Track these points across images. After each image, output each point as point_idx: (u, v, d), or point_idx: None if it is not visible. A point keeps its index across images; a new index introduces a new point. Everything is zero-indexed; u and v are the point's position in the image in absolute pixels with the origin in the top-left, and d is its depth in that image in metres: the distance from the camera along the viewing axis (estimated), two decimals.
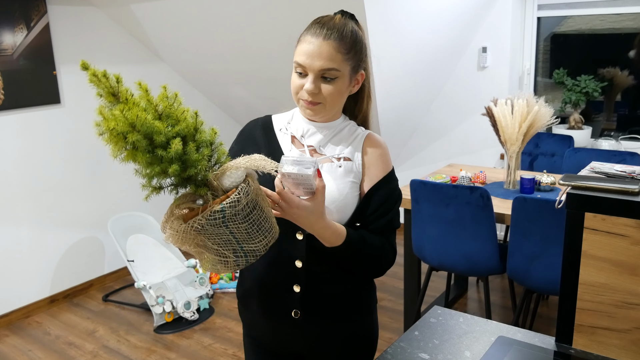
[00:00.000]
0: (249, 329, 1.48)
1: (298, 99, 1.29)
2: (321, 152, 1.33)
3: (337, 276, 1.34)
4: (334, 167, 1.31)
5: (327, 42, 1.22)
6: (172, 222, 1.13)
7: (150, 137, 1.03)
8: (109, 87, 1.07)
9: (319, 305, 1.33)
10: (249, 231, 1.10)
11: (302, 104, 1.28)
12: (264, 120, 1.40)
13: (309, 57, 1.22)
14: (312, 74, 1.23)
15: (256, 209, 1.10)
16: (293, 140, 1.35)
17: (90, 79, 1.07)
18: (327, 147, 1.33)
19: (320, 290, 1.33)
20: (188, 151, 1.06)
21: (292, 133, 1.35)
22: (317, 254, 1.29)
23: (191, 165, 1.07)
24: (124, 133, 1.02)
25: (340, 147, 1.33)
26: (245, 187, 1.09)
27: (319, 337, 1.37)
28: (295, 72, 1.26)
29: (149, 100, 1.06)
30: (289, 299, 1.32)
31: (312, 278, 1.31)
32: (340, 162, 1.31)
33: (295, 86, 1.27)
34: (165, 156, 1.04)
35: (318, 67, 1.22)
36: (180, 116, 1.09)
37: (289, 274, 1.31)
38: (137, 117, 1.01)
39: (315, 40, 1.22)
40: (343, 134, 1.35)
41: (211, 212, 1.06)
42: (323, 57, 1.22)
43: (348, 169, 1.31)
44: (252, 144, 1.36)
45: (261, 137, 1.36)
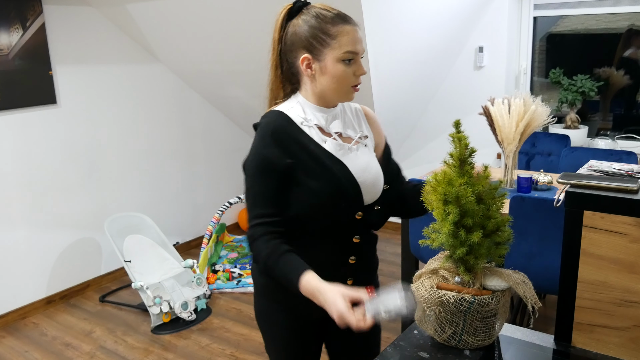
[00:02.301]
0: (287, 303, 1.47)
1: (348, 87, 1.37)
2: (346, 135, 1.43)
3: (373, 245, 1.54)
4: (363, 147, 1.45)
5: (357, 28, 1.36)
6: (427, 278, 1.28)
7: (463, 214, 1.19)
8: (462, 152, 1.22)
9: (366, 273, 1.51)
10: (477, 328, 1.24)
11: (351, 91, 1.38)
12: (283, 116, 1.39)
13: (357, 43, 1.34)
14: (359, 57, 1.36)
15: (494, 317, 1.25)
16: (321, 131, 1.40)
17: (453, 138, 1.23)
18: (348, 130, 1.44)
19: (368, 259, 1.51)
20: (481, 244, 1.20)
21: (316, 124, 1.40)
22: (370, 226, 1.47)
23: (475, 256, 1.21)
24: (447, 199, 1.20)
25: (356, 127, 1.47)
26: (500, 297, 1.22)
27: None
28: (342, 62, 1.33)
29: (482, 185, 1.21)
30: (345, 269, 1.45)
31: (364, 248, 1.47)
32: (365, 141, 1.46)
33: (346, 75, 1.35)
34: (462, 237, 1.19)
35: (363, 50, 1.37)
36: (494, 212, 1.23)
37: (347, 249, 1.43)
38: (467, 198, 1.17)
39: (353, 28, 1.35)
40: (348, 114, 1.48)
41: (462, 297, 1.19)
42: (361, 41, 1.36)
43: (370, 145, 1.48)
44: (293, 142, 1.35)
45: (296, 134, 1.37)
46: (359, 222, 1.42)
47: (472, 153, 1.22)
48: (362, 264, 1.48)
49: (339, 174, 1.35)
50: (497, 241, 1.23)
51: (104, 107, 3.78)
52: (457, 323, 1.23)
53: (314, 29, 1.32)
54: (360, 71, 1.36)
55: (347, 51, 1.32)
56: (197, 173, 4.49)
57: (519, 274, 1.25)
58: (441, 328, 1.25)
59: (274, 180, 1.33)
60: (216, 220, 3.84)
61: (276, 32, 1.39)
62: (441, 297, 1.20)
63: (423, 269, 1.31)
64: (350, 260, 1.44)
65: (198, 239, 4.54)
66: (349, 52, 1.32)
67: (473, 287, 1.22)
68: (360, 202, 1.40)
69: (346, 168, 1.37)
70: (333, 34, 1.32)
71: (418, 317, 1.30)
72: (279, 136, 1.34)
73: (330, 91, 1.37)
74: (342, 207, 1.37)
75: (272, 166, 1.32)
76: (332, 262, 1.42)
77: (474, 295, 1.19)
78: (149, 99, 4.06)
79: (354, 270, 1.46)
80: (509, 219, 1.25)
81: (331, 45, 1.32)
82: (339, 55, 1.32)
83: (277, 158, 1.32)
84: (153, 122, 4.11)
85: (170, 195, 4.30)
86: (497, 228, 1.22)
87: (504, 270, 1.26)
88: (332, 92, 1.37)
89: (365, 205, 1.42)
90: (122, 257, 3.41)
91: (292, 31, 1.36)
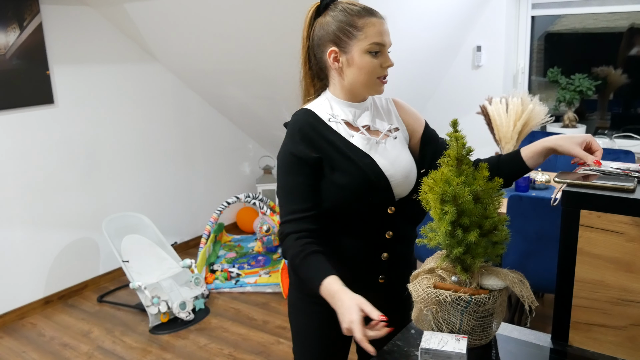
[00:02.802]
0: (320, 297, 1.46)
1: (375, 80, 1.37)
2: (374, 129, 1.43)
3: (410, 242, 1.51)
4: (392, 140, 1.44)
5: (384, 21, 1.38)
6: (424, 278, 1.28)
7: (460, 214, 1.18)
8: (459, 152, 1.21)
9: (399, 270, 1.48)
10: (474, 328, 1.23)
11: (379, 83, 1.39)
12: (310, 114, 1.41)
13: (384, 35, 1.36)
14: (386, 50, 1.37)
15: (491, 317, 1.25)
16: (348, 125, 1.41)
17: (450, 137, 1.23)
18: (377, 124, 1.44)
19: (401, 256, 1.49)
20: (478, 243, 1.20)
21: (343, 119, 1.41)
22: (404, 221, 1.45)
23: (472, 255, 1.21)
24: (444, 198, 1.19)
25: (385, 119, 1.46)
26: (497, 296, 1.22)
27: (395, 296, 1.50)
28: (369, 54, 1.34)
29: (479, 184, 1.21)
30: (377, 266, 1.44)
31: (398, 244, 1.45)
32: (395, 134, 1.45)
33: (373, 67, 1.36)
34: (459, 236, 1.19)
35: (390, 43, 1.38)
36: (491, 212, 1.22)
37: (379, 245, 1.43)
38: (464, 197, 1.17)
39: (380, 20, 1.36)
40: (377, 107, 1.48)
41: (459, 297, 1.19)
42: (389, 33, 1.38)
43: (401, 138, 1.47)
44: (320, 138, 1.37)
45: (322, 130, 1.38)
46: (392, 217, 1.41)
47: (469, 152, 1.22)
48: (396, 262, 1.46)
49: (367, 168, 1.36)
50: (494, 240, 1.23)
51: (102, 107, 3.78)
52: (454, 322, 1.23)
53: (340, 23, 1.35)
54: (388, 63, 1.37)
55: (373, 42, 1.34)
56: (195, 173, 4.49)
57: (516, 273, 1.25)
58: (438, 327, 1.25)
59: (303, 176, 1.35)
60: (214, 220, 3.84)
61: (305, 29, 1.42)
62: (438, 297, 1.20)
63: (420, 268, 1.31)
64: (382, 257, 1.43)
65: (196, 238, 4.53)
66: (376, 43, 1.34)
67: (470, 286, 1.22)
68: (391, 196, 1.39)
69: (374, 162, 1.37)
70: (359, 26, 1.34)
71: (415, 317, 1.30)
72: (306, 133, 1.37)
73: (358, 84, 1.38)
74: (372, 202, 1.37)
75: (301, 162, 1.35)
76: (363, 258, 1.43)
77: (471, 294, 1.19)
78: (147, 99, 4.06)
79: (387, 268, 1.45)
80: (506, 219, 1.25)
81: (357, 37, 1.34)
82: (365, 46, 1.34)
83: (305, 154, 1.34)
84: (151, 121, 4.10)
85: (168, 195, 4.29)
86: (494, 227, 1.22)
87: (501, 269, 1.26)
88: (359, 85, 1.38)
89: (398, 199, 1.41)
90: (120, 257, 3.41)
91: (320, 27, 1.38)
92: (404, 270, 1.51)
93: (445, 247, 1.23)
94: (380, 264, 1.44)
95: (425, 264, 1.32)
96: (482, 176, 1.21)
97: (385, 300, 1.46)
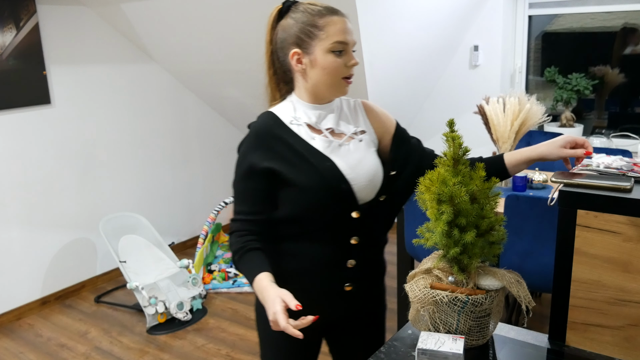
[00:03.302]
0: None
1: (339, 80, 1.35)
2: (338, 132, 1.40)
3: (379, 245, 1.48)
4: (357, 143, 1.41)
5: (346, 20, 1.35)
6: (421, 278, 1.28)
7: (457, 214, 1.18)
8: (456, 152, 1.22)
9: (367, 276, 1.46)
10: (471, 328, 1.23)
11: (344, 84, 1.36)
12: (272, 117, 1.40)
13: (347, 33, 1.33)
14: (350, 49, 1.34)
15: (488, 317, 1.25)
16: (310, 128, 1.38)
17: (446, 137, 1.22)
18: (341, 126, 1.41)
19: (369, 262, 1.45)
20: (475, 243, 1.20)
21: (305, 122, 1.38)
22: (371, 226, 1.41)
23: (469, 255, 1.21)
24: (440, 199, 1.19)
25: (352, 122, 1.44)
26: (494, 296, 1.22)
27: (361, 303, 1.48)
28: (332, 54, 1.32)
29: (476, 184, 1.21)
30: (343, 274, 1.40)
31: (365, 251, 1.42)
32: (360, 136, 1.42)
33: (337, 66, 1.33)
34: (456, 236, 1.19)
35: (354, 42, 1.35)
36: (488, 212, 1.22)
37: (345, 251, 1.39)
38: (461, 197, 1.17)
39: (341, 19, 1.33)
40: (344, 109, 1.45)
41: (456, 297, 1.19)
42: (352, 32, 1.35)
43: (367, 140, 1.43)
44: (279, 141, 1.35)
45: (282, 133, 1.37)
46: (357, 222, 1.37)
47: (466, 152, 1.22)
48: (363, 269, 1.43)
49: (326, 171, 1.33)
50: (491, 240, 1.23)
51: (99, 107, 3.77)
52: (451, 323, 1.23)
53: (302, 24, 1.32)
54: (352, 62, 1.34)
55: (335, 41, 1.31)
56: (193, 173, 4.48)
57: (512, 273, 1.25)
58: (435, 328, 1.25)
59: (255, 182, 1.35)
60: (212, 220, 3.83)
61: (267, 33, 1.40)
62: (435, 297, 1.20)
63: (417, 268, 1.31)
64: (348, 264, 1.40)
65: (193, 238, 4.52)
66: (338, 42, 1.31)
67: (467, 286, 1.22)
68: (354, 200, 1.36)
69: (334, 165, 1.34)
70: (321, 25, 1.31)
71: (412, 317, 1.30)
72: (263, 137, 1.36)
73: (322, 85, 1.35)
74: (334, 206, 1.34)
75: (254, 169, 1.34)
76: (328, 264, 1.39)
77: (467, 294, 1.19)
78: (144, 99, 4.05)
79: (354, 275, 1.41)
80: (502, 219, 1.24)
81: (319, 36, 1.31)
82: (328, 45, 1.31)
83: (259, 161, 1.33)
84: (148, 121, 4.09)
85: (165, 195, 4.29)
86: (491, 227, 1.22)
87: (498, 269, 1.26)
88: (323, 86, 1.36)
89: (362, 203, 1.38)
90: (117, 257, 3.40)
91: (282, 30, 1.36)
92: (373, 277, 1.50)
93: (442, 248, 1.23)
94: (347, 272, 1.40)
95: (422, 264, 1.32)
96: (479, 176, 1.21)
97: (354, 308, 1.47)
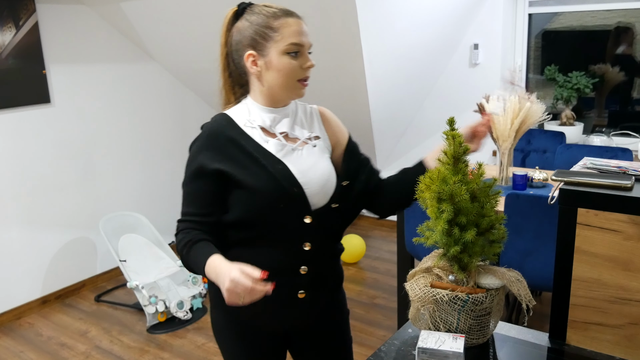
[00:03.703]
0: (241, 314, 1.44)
1: (295, 82, 1.33)
2: (292, 136, 1.38)
3: (333, 253, 1.45)
4: (311, 148, 1.39)
5: (302, 22, 1.33)
6: (421, 277, 1.28)
7: (457, 212, 1.19)
8: (456, 150, 1.21)
9: (321, 283, 1.42)
10: (471, 327, 1.23)
11: (299, 86, 1.34)
12: (225, 118, 1.37)
13: (302, 35, 1.31)
14: (306, 50, 1.33)
15: (488, 316, 1.25)
16: (264, 131, 1.36)
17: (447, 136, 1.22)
18: (296, 131, 1.40)
19: (322, 268, 1.42)
20: (475, 242, 1.20)
21: (259, 125, 1.36)
22: (323, 233, 1.38)
23: (469, 254, 1.21)
24: (441, 197, 1.19)
25: (306, 127, 1.42)
26: (494, 295, 1.22)
27: (317, 312, 1.46)
28: (287, 55, 1.30)
29: (476, 183, 1.21)
30: (296, 281, 1.37)
31: (318, 258, 1.39)
32: (314, 142, 1.41)
33: (292, 68, 1.31)
34: (456, 235, 1.19)
35: (309, 44, 1.34)
36: (488, 210, 1.22)
37: (298, 258, 1.36)
38: (461, 196, 1.17)
39: (297, 21, 1.32)
40: (299, 114, 1.43)
41: (456, 296, 1.19)
42: (308, 34, 1.34)
43: (321, 146, 1.42)
44: (231, 144, 1.33)
45: (235, 135, 1.34)
46: (309, 228, 1.35)
47: (466, 151, 1.21)
48: (317, 276, 1.39)
49: (278, 174, 1.30)
50: (491, 239, 1.23)
51: (98, 106, 3.77)
52: (451, 321, 1.22)
53: (257, 25, 1.31)
54: (307, 64, 1.32)
55: (290, 43, 1.29)
56: None
57: (513, 272, 1.25)
58: (435, 326, 1.25)
59: (204, 183, 1.32)
60: None
61: (222, 35, 1.39)
62: (435, 296, 1.20)
63: (417, 267, 1.31)
64: (301, 271, 1.36)
65: None
66: (293, 44, 1.29)
67: (467, 285, 1.21)
68: (306, 205, 1.33)
69: (286, 168, 1.32)
70: (275, 27, 1.30)
71: (412, 316, 1.29)
72: (215, 138, 1.34)
73: (278, 87, 1.33)
74: (286, 209, 1.32)
75: (203, 170, 1.32)
76: (281, 271, 1.35)
77: (467, 293, 1.19)
78: (144, 98, 4.05)
79: (307, 282, 1.38)
80: (503, 217, 1.24)
81: (274, 38, 1.29)
82: (282, 47, 1.29)
83: (209, 162, 1.31)
84: (148, 120, 4.09)
85: (165, 194, 4.28)
86: (491, 226, 1.22)
87: (498, 268, 1.26)
88: (279, 88, 1.33)
89: (315, 209, 1.35)
90: (117, 256, 3.40)
91: (237, 32, 1.34)
92: (328, 286, 1.46)
93: (442, 246, 1.23)
94: (300, 278, 1.37)
95: (422, 262, 1.31)
96: (479, 175, 1.21)
97: (308, 316, 1.44)
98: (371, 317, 3.22)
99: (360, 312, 3.28)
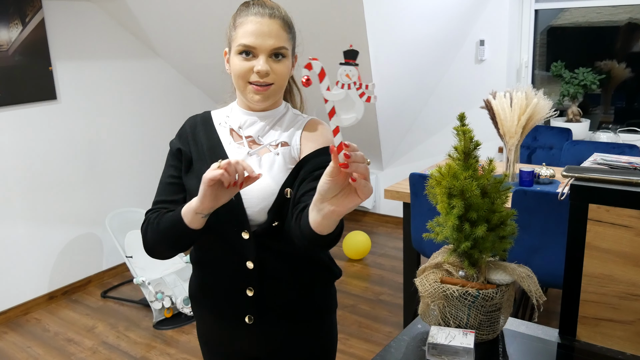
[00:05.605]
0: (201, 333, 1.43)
1: (245, 85, 1.22)
2: (259, 142, 1.28)
3: (292, 277, 1.29)
4: (272, 156, 1.26)
5: (274, 21, 1.20)
6: (431, 272, 1.27)
7: (468, 208, 1.18)
8: (467, 146, 1.22)
9: (273, 310, 1.29)
10: (481, 322, 1.24)
11: (251, 90, 1.21)
12: (203, 116, 1.36)
13: (258, 36, 1.18)
14: (264, 54, 1.19)
15: (498, 312, 1.25)
16: (232, 132, 1.30)
17: (457, 131, 1.23)
18: (267, 136, 1.29)
19: (274, 293, 1.28)
20: (485, 238, 1.19)
21: (230, 126, 1.30)
22: (270, 253, 1.25)
23: (479, 250, 1.20)
24: (451, 193, 1.19)
25: (279, 132, 1.29)
26: (505, 291, 1.22)
27: (274, 341, 1.33)
28: (239, 56, 1.20)
29: (487, 179, 1.21)
30: (241, 303, 1.28)
31: (266, 280, 1.26)
32: (278, 150, 1.26)
33: (242, 70, 1.20)
34: (467, 230, 1.19)
35: (270, 46, 1.19)
36: (499, 206, 1.21)
37: (241, 276, 1.26)
38: (472, 191, 1.17)
39: (262, 20, 1.19)
40: (284, 120, 1.30)
41: (466, 292, 1.19)
42: (273, 35, 1.19)
43: (286, 155, 1.26)
44: (193, 141, 1.30)
45: (202, 133, 1.31)
46: (248, 244, 1.23)
47: (477, 146, 1.21)
48: (265, 300, 1.27)
49: None
50: (502, 235, 1.23)
51: (104, 103, 3.77)
52: (461, 317, 1.22)
53: (230, 22, 1.26)
54: (256, 68, 1.18)
55: (240, 44, 1.19)
56: None
57: (523, 267, 1.25)
58: (445, 322, 1.25)
59: (173, 168, 1.30)
60: None
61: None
62: (445, 291, 1.20)
63: (427, 262, 1.31)
64: (247, 293, 1.26)
65: None
66: (242, 44, 1.19)
67: (477, 281, 1.21)
68: (243, 217, 1.22)
69: None
70: (237, 24, 1.22)
71: (422, 311, 1.29)
72: (186, 130, 1.33)
73: (237, 89, 1.26)
74: (221, 218, 1.18)
75: (172, 154, 1.30)
76: (225, 291, 1.28)
77: (478, 289, 1.19)
78: (150, 94, 4.05)
79: (254, 306, 1.27)
80: (513, 213, 1.24)
81: (234, 37, 1.22)
82: (235, 47, 1.21)
83: (177, 151, 1.29)
84: (154, 117, 4.09)
85: None
86: (502, 222, 1.22)
87: (509, 264, 1.26)
88: (238, 91, 1.26)
89: (255, 224, 1.23)
90: (123, 252, 3.41)
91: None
92: (280, 311, 1.30)
93: (453, 242, 1.23)
94: (246, 301, 1.27)
95: (432, 258, 1.31)
96: (490, 170, 1.20)
97: (257, 344, 1.33)
98: (377, 314, 3.22)
99: (366, 309, 3.28)
